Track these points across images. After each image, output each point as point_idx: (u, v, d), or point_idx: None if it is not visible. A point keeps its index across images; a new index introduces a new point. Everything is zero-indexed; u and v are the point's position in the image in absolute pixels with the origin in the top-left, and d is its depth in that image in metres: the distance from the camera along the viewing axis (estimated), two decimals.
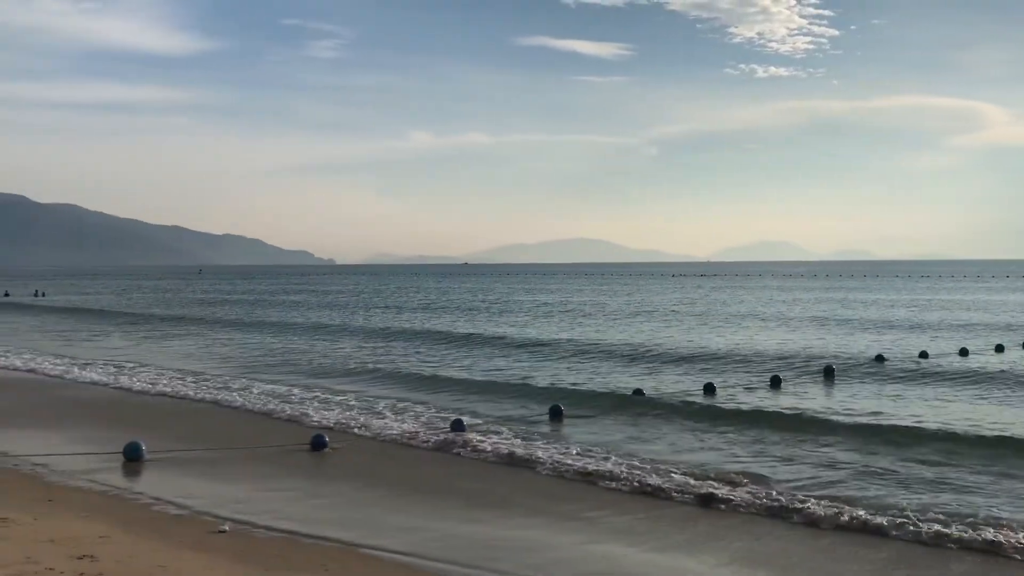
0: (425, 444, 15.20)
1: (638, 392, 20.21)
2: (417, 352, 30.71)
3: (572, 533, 10.18)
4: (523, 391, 21.18)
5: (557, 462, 13.56)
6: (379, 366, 26.52)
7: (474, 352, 30.65)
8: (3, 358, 28.09)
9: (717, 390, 20.40)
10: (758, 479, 12.38)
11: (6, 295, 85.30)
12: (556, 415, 17.51)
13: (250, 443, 15.17)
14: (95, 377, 23.76)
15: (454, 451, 14.65)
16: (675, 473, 12.64)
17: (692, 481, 12.21)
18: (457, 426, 15.90)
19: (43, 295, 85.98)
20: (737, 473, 12.66)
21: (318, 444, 14.60)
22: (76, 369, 25.48)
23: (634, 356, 28.54)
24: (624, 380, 22.89)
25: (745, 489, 11.79)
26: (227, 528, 9.91)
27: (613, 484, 12.34)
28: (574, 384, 22.38)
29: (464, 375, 24.30)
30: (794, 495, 11.43)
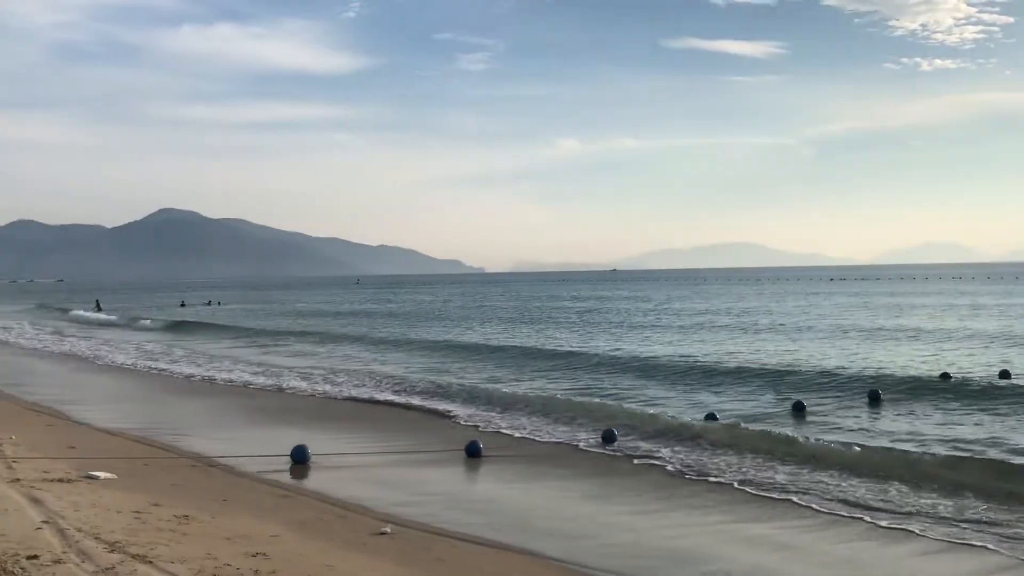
0: (578, 453, 15.18)
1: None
2: (575, 368, 30.52)
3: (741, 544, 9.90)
4: (668, 402, 20.78)
5: (718, 474, 13.23)
6: (534, 378, 26.64)
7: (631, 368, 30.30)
8: (200, 367, 29.92)
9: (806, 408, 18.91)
10: None
11: (182, 305, 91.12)
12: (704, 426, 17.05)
13: (407, 448, 15.62)
14: (265, 382, 25.02)
15: (610, 461, 14.54)
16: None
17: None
18: (608, 437, 15.79)
19: (218, 304, 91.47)
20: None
21: (473, 451, 14.81)
22: (249, 375, 26.88)
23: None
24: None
25: None
26: (389, 530, 10.15)
27: (778, 496, 11.94)
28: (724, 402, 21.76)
29: (620, 389, 23.92)
30: None
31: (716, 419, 17.30)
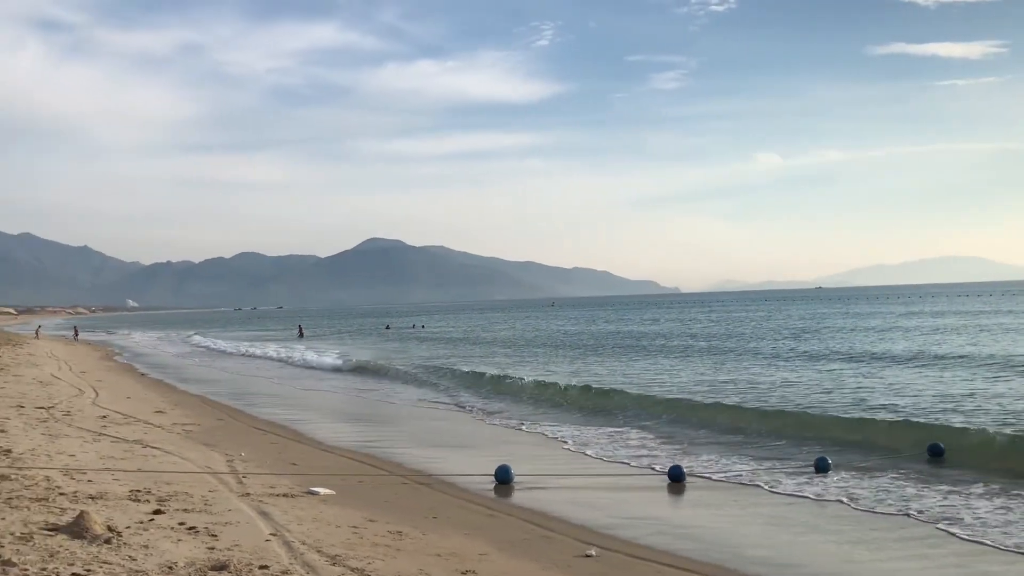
0: (791, 480, 14.57)
1: None
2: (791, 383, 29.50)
3: None
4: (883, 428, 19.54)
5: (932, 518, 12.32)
6: (741, 396, 25.91)
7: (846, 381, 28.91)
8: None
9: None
10: None
11: (387, 327, 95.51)
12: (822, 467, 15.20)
13: (609, 471, 15.59)
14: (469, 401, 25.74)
15: (816, 492, 13.86)
16: None
17: None
18: (822, 466, 15.04)
19: (422, 327, 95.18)
20: None
21: (676, 476, 14.54)
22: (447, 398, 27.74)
23: None
24: None
25: None
26: (594, 552, 10.12)
27: None
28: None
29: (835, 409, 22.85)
30: None
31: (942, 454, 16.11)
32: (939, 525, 11.31)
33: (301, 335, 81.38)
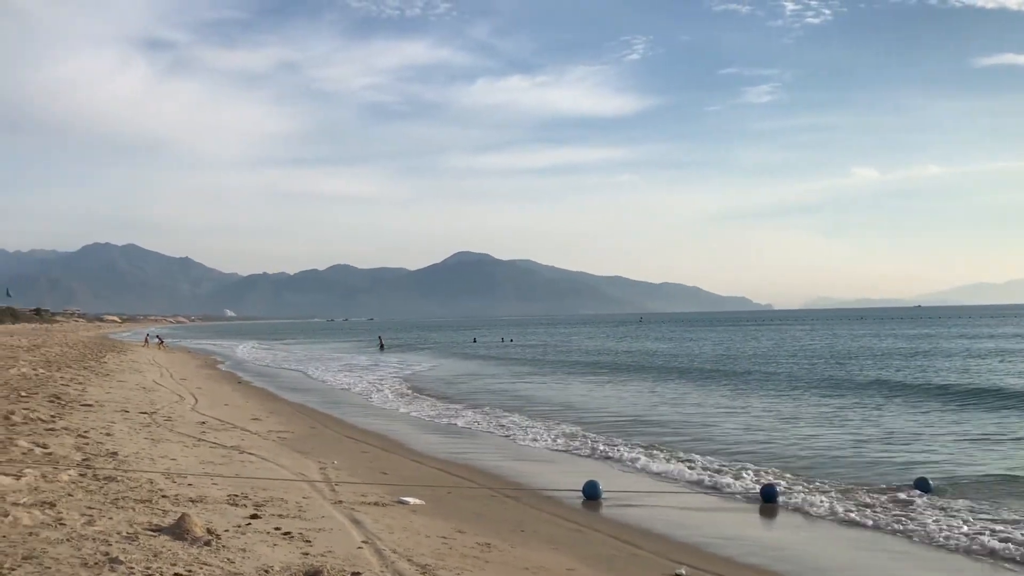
0: (897, 504, 14.09)
1: None
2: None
3: None
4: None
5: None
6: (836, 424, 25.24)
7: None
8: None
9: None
10: None
11: (474, 341, 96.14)
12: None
13: (698, 489, 15.37)
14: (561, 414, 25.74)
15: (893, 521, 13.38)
16: None
17: None
18: (922, 485, 14.53)
19: (511, 340, 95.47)
20: None
21: (769, 495, 14.24)
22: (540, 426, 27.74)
23: None
24: None
25: None
26: (684, 572, 9.97)
27: None
28: None
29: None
30: None
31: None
32: None
33: (382, 347, 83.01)
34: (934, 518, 12.77)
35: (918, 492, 14.36)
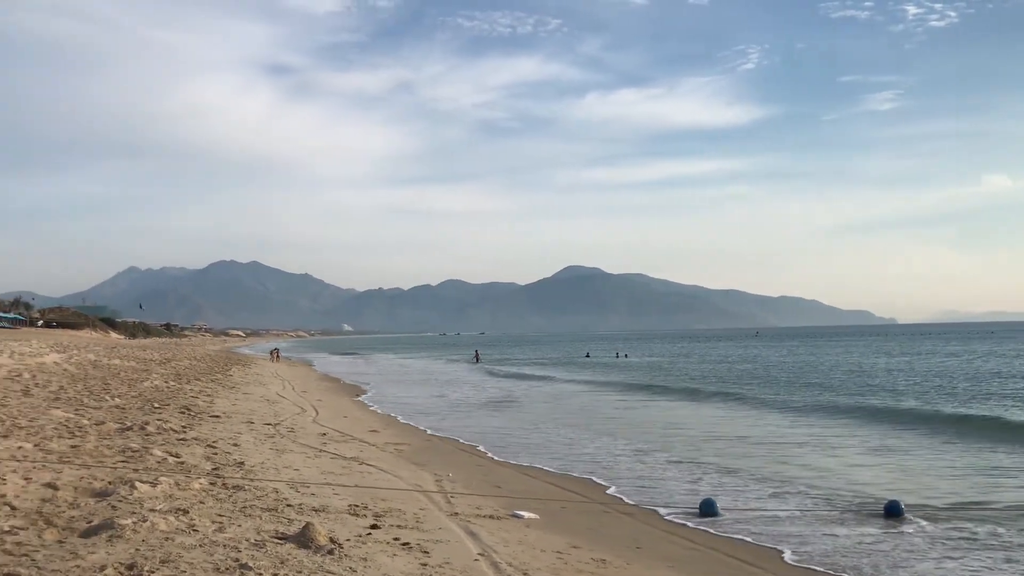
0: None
1: None
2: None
3: None
4: None
5: None
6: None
7: None
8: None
9: None
10: None
11: (587, 356, 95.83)
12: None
13: (817, 506, 14.89)
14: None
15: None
16: None
17: None
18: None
19: (625, 356, 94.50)
20: None
21: (893, 510, 13.77)
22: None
23: None
24: None
25: None
26: None
27: None
28: None
29: None
30: None
31: None
32: None
33: (477, 360, 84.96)
34: None
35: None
